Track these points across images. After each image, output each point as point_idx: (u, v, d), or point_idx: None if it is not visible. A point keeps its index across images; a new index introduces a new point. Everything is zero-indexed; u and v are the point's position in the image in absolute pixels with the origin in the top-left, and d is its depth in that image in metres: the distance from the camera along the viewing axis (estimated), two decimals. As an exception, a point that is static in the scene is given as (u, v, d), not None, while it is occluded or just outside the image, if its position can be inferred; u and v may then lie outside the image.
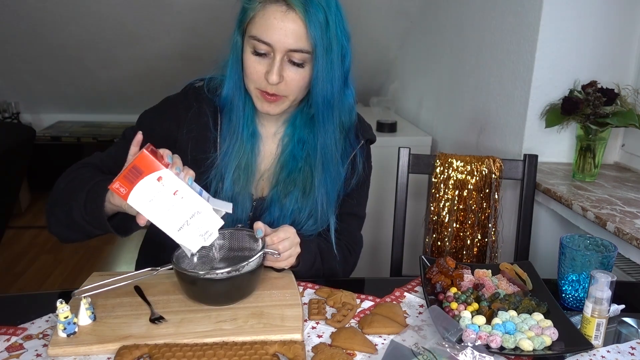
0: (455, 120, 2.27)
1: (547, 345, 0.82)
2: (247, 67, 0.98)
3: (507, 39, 1.79)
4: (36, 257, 2.95)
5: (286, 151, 1.09)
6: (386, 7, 2.68)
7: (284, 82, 0.97)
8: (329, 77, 0.97)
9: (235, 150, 1.05)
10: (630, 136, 1.67)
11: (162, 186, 0.81)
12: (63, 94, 3.68)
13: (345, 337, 0.83)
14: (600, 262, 0.93)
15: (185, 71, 3.31)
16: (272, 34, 0.92)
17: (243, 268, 0.89)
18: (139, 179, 0.80)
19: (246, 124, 1.05)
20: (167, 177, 0.81)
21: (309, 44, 0.94)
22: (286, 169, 1.08)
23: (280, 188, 1.08)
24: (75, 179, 1.00)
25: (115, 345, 0.79)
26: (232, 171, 1.04)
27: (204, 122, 1.06)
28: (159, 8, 2.70)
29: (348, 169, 1.13)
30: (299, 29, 0.92)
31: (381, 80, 3.42)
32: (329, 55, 0.95)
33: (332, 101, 1.00)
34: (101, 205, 0.90)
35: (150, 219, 0.83)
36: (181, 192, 0.82)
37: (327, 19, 0.93)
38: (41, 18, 2.77)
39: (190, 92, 1.09)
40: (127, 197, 0.81)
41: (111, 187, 0.81)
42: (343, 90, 1.03)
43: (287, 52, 0.94)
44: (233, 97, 1.03)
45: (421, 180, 2.26)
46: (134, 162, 0.80)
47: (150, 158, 0.80)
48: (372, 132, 1.19)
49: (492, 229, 1.56)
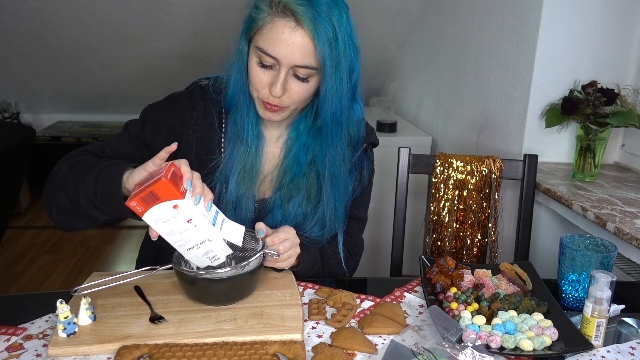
0: (455, 120, 2.27)
1: (547, 345, 0.82)
2: (252, 77, 0.97)
3: (507, 39, 1.79)
4: (36, 257, 2.95)
5: (290, 155, 1.08)
6: (386, 7, 2.68)
7: (287, 94, 0.96)
8: (337, 94, 0.95)
9: (241, 152, 1.04)
10: (630, 136, 1.67)
11: (177, 213, 0.82)
12: (63, 94, 3.68)
13: (345, 337, 0.83)
14: (600, 262, 0.93)
15: (185, 71, 3.32)
16: (279, 48, 0.91)
17: (243, 268, 0.89)
18: (155, 203, 0.81)
19: (251, 126, 1.05)
20: (183, 206, 0.82)
21: (316, 61, 0.92)
22: (290, 173, 1.08)
23: (283, 192, 1.08)
24: (79, 164, 0.98)
25: (115, 345, 0.79)
26: (236, 173, 1.04)
27: (209, 122, 1.06)
28: (159, 8, 2.70)
29: (356, 179, 1.13)
30: (306, 45, 0.91)
31: (381, 80, 3.42)
32: (338, 72, 0.93)
33: (340, 118, 0.99)
34: (118, 190, 0.89)
35: (162, 235, 0.85)
36: (195, 220, 0.83)
37: (337, 35, 0.91)
38: (41, 18, 2.77)
39: (196, 91, 1.08)
40: (142, 215, 0.82)
41: (128, 204, 0.81)
42: (351, 105, 1.01)
43: (292, 67, 0.93)
44: (238, 100, 1.03)
45: (421, 180, 2.26)
46: (152, 188, 0.80)
47: (169, 187, 0.80)
48: (375, 136, 1.18)
49: (492, 229, 1.56)
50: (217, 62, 1.06)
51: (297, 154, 1.07)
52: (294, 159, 1.08)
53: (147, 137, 1.06)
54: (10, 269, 2.80)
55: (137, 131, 1.06)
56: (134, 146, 1.06)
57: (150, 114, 1.08)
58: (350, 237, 1.18)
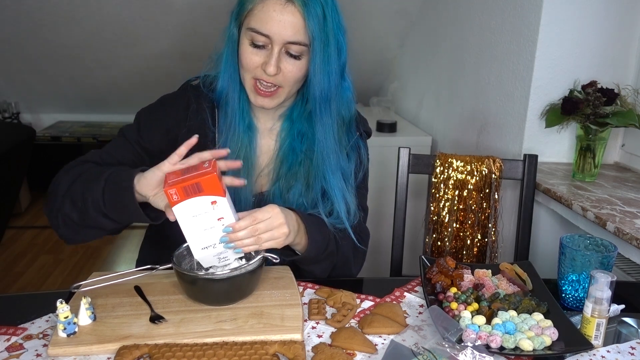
0: (455, 120, 2.27)
1: (547, 345, 0.82)
2: (244, 59, 0.98)
3: (507, 39, 1.79)
4: (36, 257, 2.95)
5: (285, 145, 1.09)
6: (386, 7, 2.68)
7: (281, 73, 0.97)
8: (326, 70, 0.98)
9: (233, 144, 1.05)
10: (630, 136, 1.67)
11: (212, 210, 0.83)
12: (63, 94, 3.68)
13: (345, 337, 0.83)
14: (600, 262, 0.93)
15: (185, 71, 3.29)
16: (271, 26, 0.93)
17: (243, 268, 0.89)
18: (196, 195, 0.81)
19: (242, 116, 1.06)
20: (221, 204, 0.83)
21: (307, 37, 0.95)
22: (286, 163, 1.08)
23: (282, 183, 1.08)
24: (83, 173, 0.98)
25: (115, 345, 0.79)
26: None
27: (202, 118, 1.06)
28: (158, 8, 2.70)
29: (357, 161, 1.13)
30: (297, 21, 0.93)
31: (381, 80, 3.41)
32: (327, 48, 0.96)
33: (329, 95, 1.01)
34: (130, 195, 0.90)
35: (183, 229, 0.85)
36: (225, 220, 0.85)
37: (325, 13, 0.94)
38: (41, 18, 2.77)
39: (188, 90, 1.09)
40: (175, 205, 0.82)
41: (165, 190, 0.81)
42: (340, 83, 1.03)
43: (285, 44, 0.95)
44: (228, 90, 1.04)
45: (421, 180, 2.26)
46: (199, 180, 0.80)
47: (216, 182, 0.81)
48: (368, 126, 1.20)
49: (492, 229, 1.56)
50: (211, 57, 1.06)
51: (291, 142, 1.08)
52: (289, 147, 1.08)
53: (144, 141, 1.06)
54: (10, 269, 2.80)
55: (135, 136, 1.07)
56: (133, 151, 1.06)
57: (145, 117, 1.09)
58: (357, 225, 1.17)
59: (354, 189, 1.11)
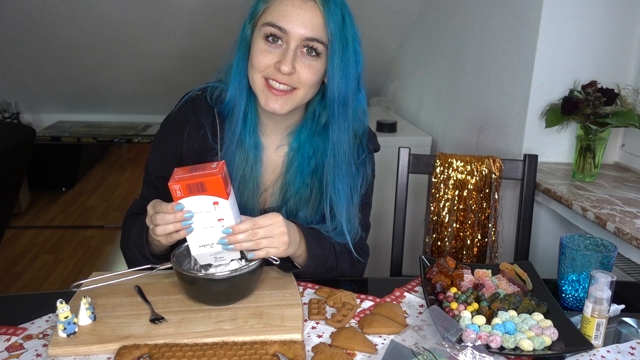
0: (455, 120, 2.27)
1: (547, 345, 0.82)
2: (255, 57, 0.94)
3: (507, 39, 1.79)
4: (36, 257, 2.95)
5: (292, 168, 1.06)
6: (386, 7, 2.68)
7: (297, 74, 0.94)
8: (345, 72, 0.94)
9: (238, 159, 1.02)
10: (630, 136, 1.67)
11: (214, 210, 0.84)
12: (63, 94, 3.68)
13: (345, 337, 0.83)
14: (600, 262, 0.93)
15: (185, 71, 3.32)
16: (288, 20, 0.91)
17: (243, 268, 0.89)
18: (199, 194, 0.82)
19: (248, 132, 1.03)
20: (223, 206, 0.83)
21: (326, 36, 0.92)
22: (293, 186, 1.06)
23: (290, 204, 1.07)
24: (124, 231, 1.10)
25: (115, 345, 0.79)
26: (236, 181, 1.02)
27: (202, 134, 1.04)
28: (159, 8, 2.70)
29: (363, 176, 1.10)
30: (316, 19, 0.91)
31: (381, 80, 3.42)
32: (345, 51, 0.93)
33: (347, 99, 0.97)
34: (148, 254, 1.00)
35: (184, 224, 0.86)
36: (225, 222, 0.85)
37: (344, 16, 0.92)
38: (41, 18, 2.77)
39: (187, 105, 1.06)
40: (178, 199, 0.83)
41: (170, 185, 0.82)
42: (356, 92, 1.00)
43: (301, 41, 0.92)
44: (237, 101, 1.00)
45: (421, 180, 2.26)
46: (204, 179, 0.81)
47: (220, 184, 0.81)
48: (377, 142, 1.17)
49: (492, 229, 1.56)
50: (217, 62, 1.05)
51: (299, 165, 1.06)
52: (297, 170, 1.06)
53: (161, 171, 1.06)
54: (10, 269, 2.80)
55: (153, 169, 1.08)
56: (159, 186, 1.07)
57: (154, 148, 1.09)
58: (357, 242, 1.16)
59: (358, 204, 1.10)
